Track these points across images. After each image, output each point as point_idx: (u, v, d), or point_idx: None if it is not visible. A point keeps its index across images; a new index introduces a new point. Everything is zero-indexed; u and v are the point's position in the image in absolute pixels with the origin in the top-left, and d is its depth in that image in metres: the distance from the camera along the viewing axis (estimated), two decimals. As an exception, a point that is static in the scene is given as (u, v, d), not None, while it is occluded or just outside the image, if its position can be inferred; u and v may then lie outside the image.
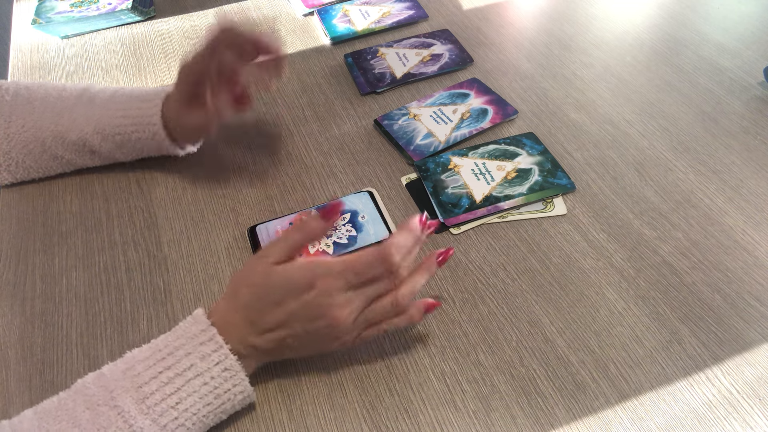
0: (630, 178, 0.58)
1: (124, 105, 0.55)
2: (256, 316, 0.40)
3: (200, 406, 0.38)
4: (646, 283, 0.50)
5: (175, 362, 0.38)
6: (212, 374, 0.38)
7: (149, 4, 0.83)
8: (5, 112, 0.55)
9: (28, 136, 0.55)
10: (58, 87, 0.58)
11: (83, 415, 0.36)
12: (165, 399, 0.37)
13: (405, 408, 0.43)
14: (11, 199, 0.59)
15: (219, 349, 0.39)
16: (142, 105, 0.55)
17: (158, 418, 0.37)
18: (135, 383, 0.37)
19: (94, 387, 0.38)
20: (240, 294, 0.41)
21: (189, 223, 0.56)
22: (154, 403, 0.37)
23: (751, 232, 0.53)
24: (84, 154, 0.57)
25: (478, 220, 0.55)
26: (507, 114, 0.65)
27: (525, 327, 0.47)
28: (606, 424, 0.42)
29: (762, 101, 0.66)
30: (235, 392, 0.40)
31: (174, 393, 0.37)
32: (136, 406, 0.37)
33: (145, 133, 0.55)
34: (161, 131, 0.55)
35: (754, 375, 0.44)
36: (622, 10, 0.81)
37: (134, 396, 0.37)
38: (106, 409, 0.36)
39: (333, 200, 0.41)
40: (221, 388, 0.39)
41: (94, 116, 0.55)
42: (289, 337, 0.40)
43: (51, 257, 0.54)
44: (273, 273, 0.40)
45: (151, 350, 0.39)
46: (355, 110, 0.67)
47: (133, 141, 0.56)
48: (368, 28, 0.78)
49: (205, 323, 0.40)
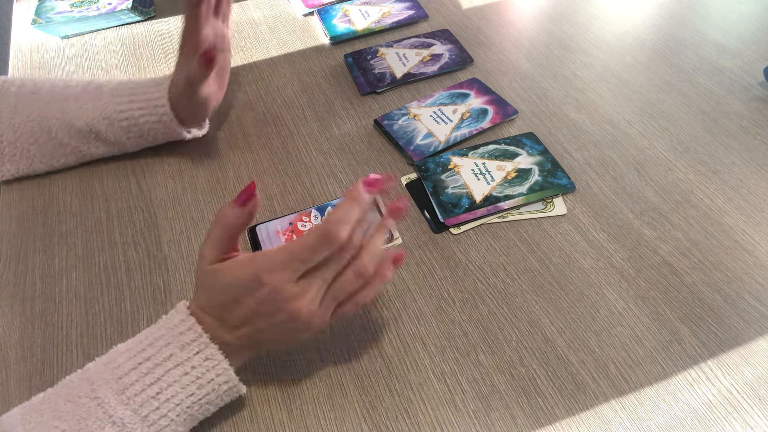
0: (630, 178, 0.58)
1: (132, 90, 0.56)
2: (220, 314, 0.40)
3: (183, 397, 0.38)
4: (646, 283, 0.50)
5: (155, 352, 0.38)
6: (193, 363, 0.38)
7: (149, 4, 0.83)
8: (11, 103, 0.56)
9: (34, 125, 0.56)
10: (64, 78, 0.59)
11: (64, 408, 0.36)
12: (145, 389, 0.37)
13: (405, 408, 0.43)
14: (11, 199, 0.59)
15: (198, 338, 0.38)
16: (149, 89, 0.56)
17: (139, 409, 0.37)
18: (115, 375, 0.37)
19: (77, 380, 0.38)
20: (199, 295, 0.40)
21: (189, 223, 0.56)
22: (134, 393, 0.37)
23: (751, 232, 0.53)
24: (90, 141, 0.58)
25: (478, 220, 0.55)
26: (507, 114, 0.65)
27: (525, 327, 0.47)
28: (606, 424, 0.42)
29: (762, 101, 0.66)
30: (219, 382, 0.39)
31: (154, 383, 0.37)
32: (116, 396, 0.37)
33: (154, 116, 0.56)
34: (169, 112, 0.56)
35: (754, 375, 0.44)
36: (622, 10, 0.81)
37: (114, 387, 0.37)
38: (87, 401, 0.36)
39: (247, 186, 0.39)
40: (204, 378, 0.38)
41: (101, 102, 0.56)
42: (257, 332, 0.39)
43: (51, 257, 0.54)
44: (218, 273, 0.39)
45: (134, 343, 0.39)
46: (355, 110, 0.67)
47: (140, 125, 0.57)
48: (368, 28, 0.78)
49: (184, 313, 0.39)
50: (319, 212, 0.56)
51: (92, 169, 0.61)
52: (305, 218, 0.55)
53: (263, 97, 0.69)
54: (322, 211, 0.56)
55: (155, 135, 0.59)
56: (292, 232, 0.54)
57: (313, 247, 0.37)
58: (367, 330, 0.47)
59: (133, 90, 0.57)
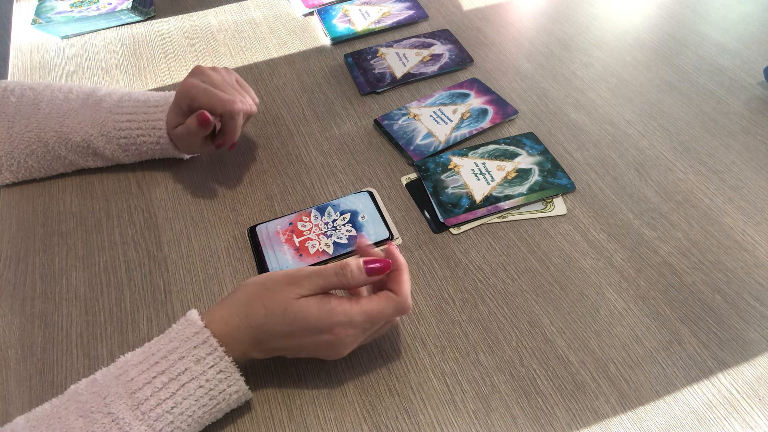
0: (630, 178, 0.58)
1: (131, 109, 0.56)
2: (265, 338, 0.40)
3: (195, 408, 0.38)
4: (646, 283, 0.50)
5: (169, 366, 0.38)
6: (207, 377, 0.38)
7: (149, 4, 0.83)
8: (9, 113, 0.56)
9: (32, 136, 0.56)
10: (64, 89, 0.58)
11: (76, 423, 0.36)
12: (160, 404, 0.37)
13: (405, 408, 0.43)
14: (11, 199, 0.59)
15: (213, 352, 0.39)
16: (149, 110, 0.56)
17: (154, 423, 0.36)
18: (129, 389, 0.37)
19: (87, 393, 0.37)
20: (254, 312, 0.39)
21: (189, 223, 0.56)
22: (149, 408, 0.37)
23: (751, 232, 0.53)
24: (87, 155, 0.58)
25: (478, 220, 0.55)
26: (507, 114, 0.65)
27: (525, 327, 0.47)
28: (606, 424, 0.42)
29: (762, 101, 0.66)
30: (231, 392, 0.40)
31: (169, 398, 0.37)
32: (131, 412, 0.36)
33: (151, 137, 0.56)
34: (166, 136, 0.56)
35: (754, 375, 0.44)
36: (622, 10, 0.81)
37: (128, 402, 0.36)
38: (100, 416, 0.36)
39: (381, 259, 0.41)
40: (216, 390, 0.39)
41: (100, 119, 0.56)
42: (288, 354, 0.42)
43: (51, 257, 0.54)
44: (294, 306, 0.39)
45: (144, 354, 0.39)
46: (355, 110, 0.67)
47: (138, 144, 0.57)
48: (368, 28, 0.78)
49: (198, 326, 0.39)
50: (319, 212, 0.56)
51: (92, 170, 0.61)
52: (305, 218, 0.55)
53: (263, 97, 0.69)
54: (322, 211, 0.56)
55: (152, 153, 0.59)
56: (292, 232, 0.54)
57: (388, 316, 0.41)
58: (367, 330, 0.47)
59: (133, 108, 0.56)
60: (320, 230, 0.54)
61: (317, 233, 0.54)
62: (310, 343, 0.40)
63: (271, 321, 0.39)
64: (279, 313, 0.39)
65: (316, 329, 0.39)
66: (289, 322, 0.39)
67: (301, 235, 0.54)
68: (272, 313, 0.39)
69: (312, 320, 0.39)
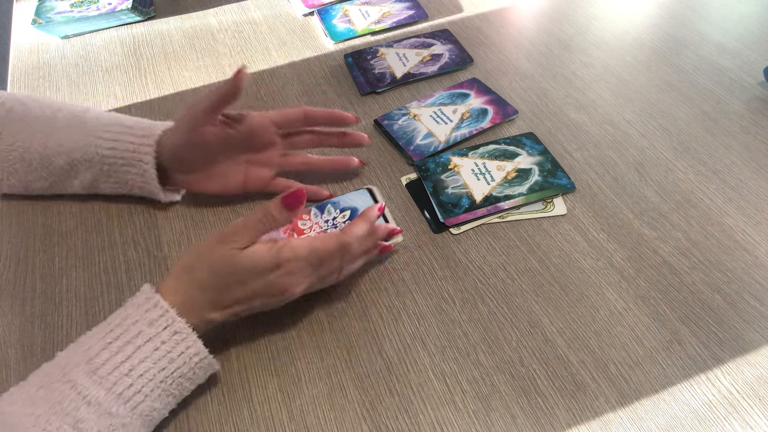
0: (630, 178, 0.58)
1: (117, 135, 0.53)
2: (217, 294, 0.41)
3: (155, 372, 0.39)
4: (646, 283, 0.50)
5: (124, 331, 0.39)
6: (162, 338, 0.39)
7: (149, 4, 0.83)
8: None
9: (15, 156, 0.53)
10: (54, 106, 0.55)
11: (37, 394, 0.37)
12: (117, 367, 0.38)
13: (405, 408, 0.43)
14: (11, 199, 0.59)
15: (165, 314, 0.40)
16: (135, 140, 0.52)
17: (113, 387, 0.37)
18: (86, 356, 0.38)
19: (48, 368, 0.38)
20: (198, 273, 0.41)
21: (189, 223, 0.56)
22: (106, 372, 0.37)
23: (751, 232, 0.53)
24: (68, 178, 0.55)
25: (478, 220, 0.55)
26: (507, 114, 0.65)
27: (525, 327, 0.47)
28: (606, 424, 0.42)
29: (762, 101, 0.66)
30: (190, 354, 0.40)
31: (125, 360, 0.38)
32: (89, 377, 0.37)
33: (135, 168, 0.53)
34: (151, 170, 0.52)
35: (754, 375, 0.44)
36: (622, 10, 0.81)
37: (85, 368, 0.37)
38: (59, 385, 0.37)
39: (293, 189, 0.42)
40: (174, 352, 0.39)
41: (83, 142, 0.53)
42: (244, 311, 0.43)
43: (51, 257, 0.54)
44: (238, 256, 0.41)
45: (102, 326, 0.40)
46: (355, 110, 0.67)
47: (121, 173, 0.54)
48: (368, 28, 0.78)
49: (149, 293, 0.41)
50: (319, 211, 0.56)
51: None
52: (305, 217, 0.55)
53: (263, 97, 0.69)
54: (322, 209, 0.56)
55: (132, 185, 0.54)
56: (293, 230, 0.54)
57: (333, 254, 0.44)
58: (367, 330, 0.47)
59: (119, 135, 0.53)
60: (320, 228, 0.54)
61: (317, 231, 0.54)
62: (262, 287, 0.42)
63: (220, 275, 0.41)
64: (225, 265, 0.41)
65: (267, 269, 0.41)
66: (237, 269, 0.41)
67: (302, 233, 0.54)
68: (215, 266, 0.41)
69: (261, 262, 0.41)
